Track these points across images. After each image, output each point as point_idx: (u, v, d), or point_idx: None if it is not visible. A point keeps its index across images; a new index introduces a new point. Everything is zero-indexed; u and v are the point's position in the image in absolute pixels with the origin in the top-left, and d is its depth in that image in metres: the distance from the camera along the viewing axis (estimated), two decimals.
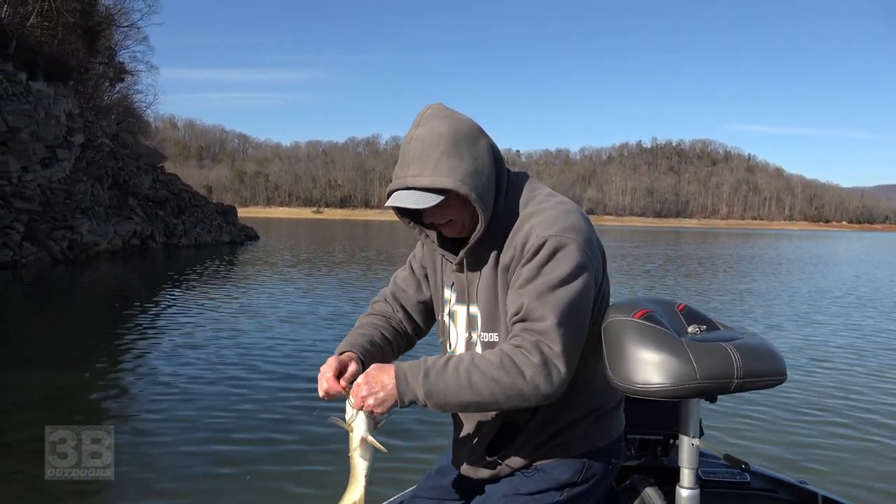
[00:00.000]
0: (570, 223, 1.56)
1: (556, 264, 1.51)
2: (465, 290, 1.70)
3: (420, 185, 1.52)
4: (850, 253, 46.10)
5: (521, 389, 1.47)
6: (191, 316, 11.03)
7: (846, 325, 11.83)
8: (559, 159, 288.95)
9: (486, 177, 1.57)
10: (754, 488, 2.40)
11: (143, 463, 4.13)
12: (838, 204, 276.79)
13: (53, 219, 21.39)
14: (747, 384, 1.65)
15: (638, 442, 2.40)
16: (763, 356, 1.70)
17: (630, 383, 1.67)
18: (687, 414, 1.80)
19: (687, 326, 1.85)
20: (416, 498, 1.95)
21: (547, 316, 1.48)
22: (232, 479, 4.17)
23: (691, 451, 1.79)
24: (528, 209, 1.61)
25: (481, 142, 1.60)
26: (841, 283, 20.95)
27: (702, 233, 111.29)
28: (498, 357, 1.49)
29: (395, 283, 1.94)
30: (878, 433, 5.74)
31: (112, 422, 4.72)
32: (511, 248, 1.58)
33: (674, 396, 1.66)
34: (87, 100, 36.06)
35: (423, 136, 1.54)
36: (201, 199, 39.21)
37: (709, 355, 1.65)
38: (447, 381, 1.48)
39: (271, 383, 6.63)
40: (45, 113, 24.62)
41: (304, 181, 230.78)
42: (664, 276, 22.18)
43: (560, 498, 1.71)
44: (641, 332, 1.71)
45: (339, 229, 73.26)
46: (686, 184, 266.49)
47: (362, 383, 1.52)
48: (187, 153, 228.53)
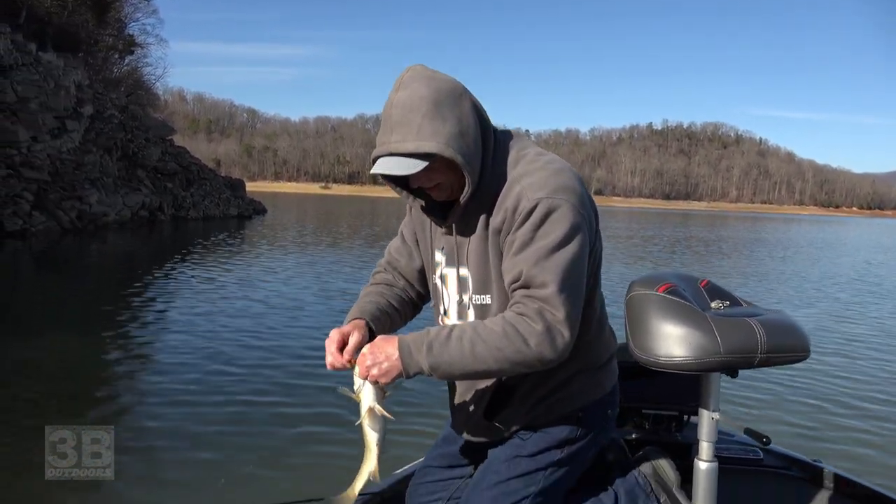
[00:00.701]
0: (561, 183, 1.53)
1: (550, 227, 1.49)
2: (455, 252, 1.67)
3: (404, 150, 1.48)
4: (859, 239, 45.74)
5: (525, 357, 1.46)
6: (198, 292, 10.82)
7: (853, 308, 11.82)
8: (569, 139, 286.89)
9: (472, 138, 1.53)
10: (768, 465, 2.41)
11: (143, 463, 4.07)
12: (849, 189, 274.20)
13: (63, 189, 21.47)
14: (771, 359, 1.65)
15: (652, 417, 2.40)
16: (787, 332, 1.70)
17: (653, 356, 1.69)
18: (708, 388, 1.79)
19: (710, 302, 1.86)
20: (427, 467, 1.98)
21: (548, 282, 1.46)
22: (233, 478, 4.06)
23: (711, 425, 1.80)
24: (517, 169, 1.58)
25: (464, 101, 1.54)
26: (851, 268, 20.89)
27: (710, 216, 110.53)
28: (501, 326, 1.48)
29: (390, 254, 1.94)
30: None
31: (112, 422, 4.56)
32: (502, 211, 1.55)
33: (696, 370, 1.67)
34: (97, 72, 35.97)
35: (405, 100, 1.49)
36: (210, 172, 39.20)
37: (733, 330, 1.65)
38: (451, 353, 1.48)
39: (280, 377, 6.18)
40: (54, 84, 24.62)
41: (312, 157, 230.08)
42: (668, 261, 22.09)
43: (561, 455, 1.72)
44: (665, 305, 1.73)
45: (346, 205, 73.09)
46: (696, 166, 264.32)
47: (367, 353, 1.53)
48: (196, 127, 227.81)
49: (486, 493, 1.72)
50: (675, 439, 2.35)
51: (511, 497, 1.70)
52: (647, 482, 1.95)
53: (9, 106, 21.51)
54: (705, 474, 1.81)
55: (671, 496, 1.93)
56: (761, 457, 2.44)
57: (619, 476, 1.96)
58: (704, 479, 1.81)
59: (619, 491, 1.91)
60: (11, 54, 22.71)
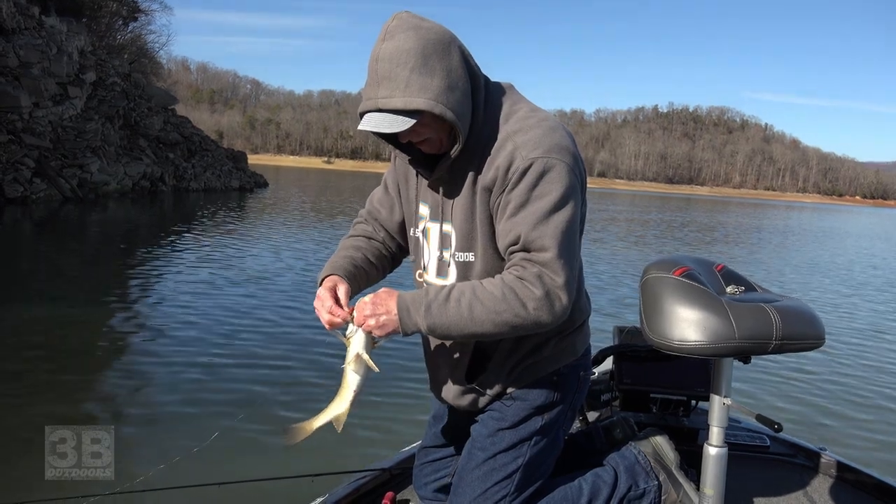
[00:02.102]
0: (556, 142, 1.50)
1: (546, 187, 1.46)
2: (440, 207, 1.64)
3: (392, 106, 1.43)
4: (860, 227, 45.67)
5: (523, 321, 1.46)
6: (198, 268, 10.50)
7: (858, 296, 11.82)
8: (573, 120, 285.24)
9: (461, 91, 1.48)
10: (774, 453, 2.44)
11: (143, 463, 3.99)
12: (853, 178, 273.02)
13: (64, 156, 21.38)
14: (785, 346, 1.65)
15: (660, 401, 2.43)
16: (803, 319, 1.69)
17: (667, 340, 1.68)
18: (720, 373, 1.79)
19: (726, 287, 1.85)
20: (425, 448, 2.02)
21: (548, 246, 1.45)
22: (236, 475, 3.94)
23: (722, 410, 1.79)
24: (509, 125, 1.53)
25: (453, 52, 1.48)
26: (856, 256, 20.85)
27: (712, 200, 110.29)
28: (500, 289, 1.47)
29: (371, 203, 1.90)
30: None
31: (112, 421, 4.50)
32: (493, 169, 1.51)
33: (711, 354, 1.66)
34: (100, 38, 35.63)
35: (391, 52, 1.42)
36: (212, 143, 39.04)
37: (748, 315, 1.64)
38: (449, 314, 1.47)
39: (286, 369, 5.77)
40: (57, 49, 24.41)
41: (315, 130, 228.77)
42: (661, 245, 22.07)
43: (542, 422, 1.73)
44: (681, 289, 1.72)
45: (348, 180, 72.83)
46: (700, 151, 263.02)
47: (368, 303, 1.52)
48: (199, 97, 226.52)
49: (475, 471, 1.73)
50: (681, 424, 2.36)
51: (500, 472, 1.71)
52: (647, 461, 1.96)
53: (11, 70, 21.36)
54: (715, 459, 1.81)
55: (670, 475, 1.94)
56: (768, 444, 2.45)
57: (619, 453, 1.97)
58: (714, 464, 1.81)
59: (618, 468, 1.92)
60: (14, 17, 22.48)
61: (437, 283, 1.67)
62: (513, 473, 1.71)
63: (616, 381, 2.50)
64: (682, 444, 2.05)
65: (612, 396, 2.64)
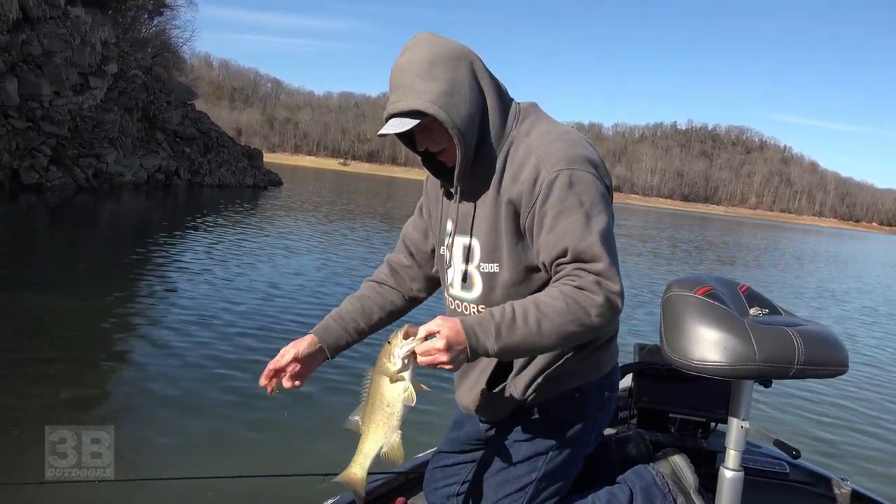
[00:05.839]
0: (580, 153, 1.53)
1: (578, 198, 1.49)
2: (464, 220, 1.67)
3: (398, 109, 1.53)
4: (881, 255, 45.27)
5: (586, 329, 1.47)
6: (206, 265, 10.40)
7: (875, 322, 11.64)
8: (591, 133, 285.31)
9: (464, 99, 1.53)
10: (793, 480, 2.40)
11: (143, 463, 4.01)
12: (871, 204, 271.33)
13: (81, 146, 21.56)
14: (807, 371, 1.62)
15: (679, 422, 2.39)
16: (826, 345, 1.66)
17: (687, 359, 1.66)
18: (739, 395, 1.76)
19: (749, 308, 1.83)
20: (440, 452, 2.03)
21: (599, 256, 1.47)
22: (235, 475, 3.99)
23: (739, 433, 1.76)
24: (530, 139, 1.57)
25: (462, 65, 1.56)
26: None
27: (727, 220, 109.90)
28: (562, 300, 1.46)
29: (406, 229, 1.94)
30: None
31: (112, 421, 4.48)
32: (518, 183, 1.54)
33: (730, 376, 1.64)
34: (125, 30, 36.00)
35: (403, 64, 1.55)
36: (229, 140, 39.32)
37: (771, 338, 1.62)
38: (519, 334, 1.45)
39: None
40: (80, 39, 24.67)
41: (333, 132, 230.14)
42: (679, 265, 21.93)
43: (560, 437, 1.71)
44: (703, 308, 1.69)
45: (363, 183, 73.15)
46: (717, 170, 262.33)
47: (443, 336, 1.42)
48: (220, 93, 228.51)
49: (491, 480, 1.75)
50: (700, 445, 2.32)
51: (513, 484, 1.72)
52: (664, 482, 1.92)
53: (34, 59, 21.58)
54: (730, 483, 1.77)
55: (688, 499, 1.89)
56: (787, 471, 2.41)
57: (636, 473, 1.93)
58: (729, 488, 1.77)
59: (634, 488, 1.88)
60: (40, 6, 22.73)
61: (463, 296, 1.70)
62: (526, 486, 1.70)
63: (634, 399, 2.48)
64: (700, 466, 2.00)
65: (629, 414, 2.63)
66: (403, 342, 1.47)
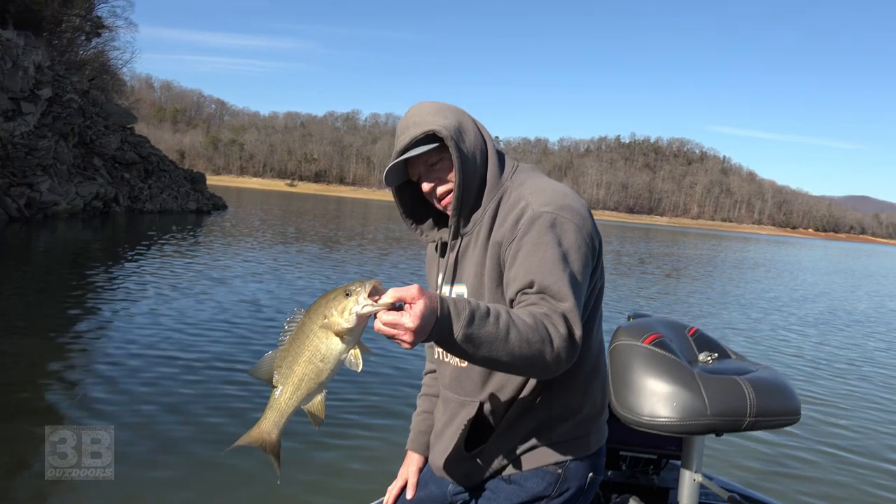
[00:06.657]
0: (567, 203, 1.53)
1: (555, 236, 1.47)
2: (454, 270, 1.68)
3: (412, 136, 1.58)
4: (812, 261, 46.81)
5: (545, 357, 1.35)
6: (154, 287, 10.54)
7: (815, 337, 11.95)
8: (537, 148, 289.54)
9: (470, 138, 1.62)
10: None
11: (142, 463, 4.00)
12: (806, 211, 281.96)
13: (12, 174, 20.77)
14: (759, 423, 1.59)
15: (630, 459, 2.34)
16: (778, 393, 1.63)
17: (636, 414, 1.62)
18: (691, 448, 1.72)
19: (698, 354, 1.80)
20: None
21: (566, 296, 1.40)
22: (235, 475, 3.95)
23: (692, 487, 1.73)
24: (524, 189, 1.59)
25: (465, 116, 1.67)
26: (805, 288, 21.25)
27: (671, 231, 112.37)
28: (532, 319, 1.36)
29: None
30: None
31: (112, 421, 4.49)
32: (505, 223, 1.55)
33: (681, 432, 1.60)
34: (61, 53, 35.07)
35: (410, 113, 1.65)
36: (170, 163, 38.46)
37: (721, 390, 1.58)
38: (488, 330, 1.30)
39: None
40: (12, 63, 23.86)
41: (279, 152, 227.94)
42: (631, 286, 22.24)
43: None
44: (651, 359, 1.65)
45: (311, 204, 72.51)
46: (660, 181, 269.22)
47: (417, 318, 1.21)
48: (162, 115, 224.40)
49: None
50: (652, 483, 2.28)
51: None
52: None
53: None
54: None
55: None
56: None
57: None
58: None
59: None
60: None
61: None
62: None
63: None
64: (652, 503, 1.98)
65: None
66: (366, 301, 1.23)
